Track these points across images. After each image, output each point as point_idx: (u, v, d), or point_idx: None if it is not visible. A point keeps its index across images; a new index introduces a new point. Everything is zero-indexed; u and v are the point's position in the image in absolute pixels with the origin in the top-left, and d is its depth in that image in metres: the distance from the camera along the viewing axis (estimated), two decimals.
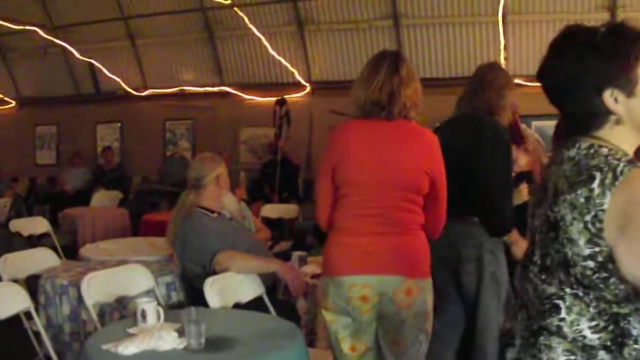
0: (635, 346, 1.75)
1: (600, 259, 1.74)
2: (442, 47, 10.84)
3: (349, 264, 3.20)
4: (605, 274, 1.74)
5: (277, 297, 4.50)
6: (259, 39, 11.48)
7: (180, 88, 12.64)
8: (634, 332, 1.76)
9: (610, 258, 1.71)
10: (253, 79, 12.20)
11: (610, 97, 1.82)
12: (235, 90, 12.19)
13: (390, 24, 10.98)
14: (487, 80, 4.13)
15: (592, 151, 1.82)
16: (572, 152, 1.87)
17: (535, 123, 9.91)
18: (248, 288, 4.09)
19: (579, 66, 1.83)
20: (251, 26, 11.36)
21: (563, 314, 1.84)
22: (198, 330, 2.88)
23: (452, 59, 10.63)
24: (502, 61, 10.25)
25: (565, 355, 1.83)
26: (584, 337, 1.80)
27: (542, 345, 1.88)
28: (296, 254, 4.90)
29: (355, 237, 3.22)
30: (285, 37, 11.65)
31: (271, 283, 4.35)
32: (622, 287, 1.73)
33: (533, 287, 1.94)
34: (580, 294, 1.81)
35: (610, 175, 1.72)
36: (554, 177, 1.89)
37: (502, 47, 10.27)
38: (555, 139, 6.08)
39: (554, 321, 1.85)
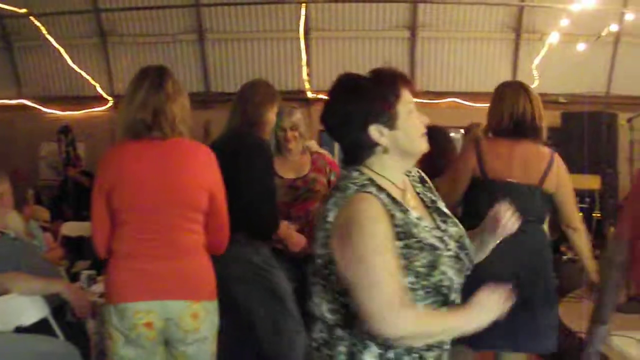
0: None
1: (326, 258, 2.10)
2: (246, 62, 10.92)
3: (131, 291, 3.08)
4: (328, 271, 2.11)
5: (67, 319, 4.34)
6: (60, 50, 11.07)
7: None
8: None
9: (331, 260, 2.08)
10: (54, 92, 11.75)
11: (376, 131, 2.12)
12: (35, 103, 11.67)
13: (194, 38, 10.95)
14: (245, 97, 4.20)
15: (345, 174, 2.19)
16: (344, 172, 2.22)
17: None
18: (30, 310, 3.90)
19: (347, 108, 2.14)
20: (49, 37, 10.92)
21: (314, 298, 2.20)
22: None
23: (257, 74, 10.63)
24: (305, 76, 10.49)
25: (318, 332, 2.20)
26: (325, 317, 2.15)
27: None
28: (85, 273, 4.75)
29: (137, 262, 3.11)
30: (87, 49, 11.33)
31: (59, 304, 4.18)
32: (341, 282, 2.06)
33: None
34: (322, 282, 2.16)
35: (340, 195, 2.10)
36: None
37: (304, 62, 10.46)
38: None
39: (310, 304, 2.22)
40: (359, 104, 2.12)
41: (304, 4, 10.29)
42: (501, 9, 10.88)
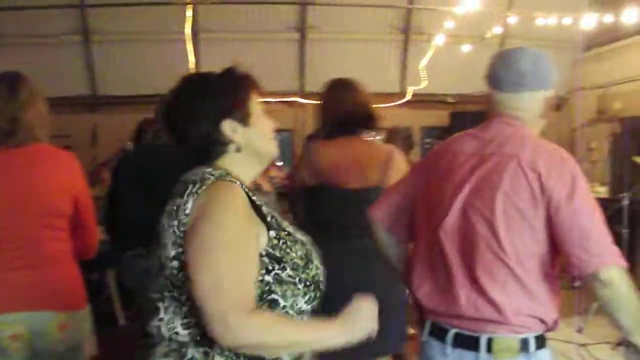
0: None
1: (182, 258, 1.89)
2: (134, 65, 10.69)
3: None
4: (182, 277, 1.89)
5: None
6: None
7: None
8: None
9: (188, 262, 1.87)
10: None
11: (229, 127, 2.02)
12: None
13: (79, 39, 10.65)
14: None
15: (197, 171, 2.01)
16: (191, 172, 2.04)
17: None
18: None
19: (197, 104, 2.03)
20: None
21: (162, 314, 1.97)
22: None
23: (145, 77, 10.44)
24: None
25: (161, 356, 1.95)
26: (177, 334, 1.93)
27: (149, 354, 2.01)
28: None
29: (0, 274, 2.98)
30: None
31: None
32: None
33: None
34: (176, 294, 1.94)
35: (198, 185, 1.93)
36: None
37: (192, 64, 10.35)
38: None
39: (154, 322, 1.98)
40: (210, 98, 2.03)
41: (190, 5, 10.15)
42: (389, 11, 11.04)
